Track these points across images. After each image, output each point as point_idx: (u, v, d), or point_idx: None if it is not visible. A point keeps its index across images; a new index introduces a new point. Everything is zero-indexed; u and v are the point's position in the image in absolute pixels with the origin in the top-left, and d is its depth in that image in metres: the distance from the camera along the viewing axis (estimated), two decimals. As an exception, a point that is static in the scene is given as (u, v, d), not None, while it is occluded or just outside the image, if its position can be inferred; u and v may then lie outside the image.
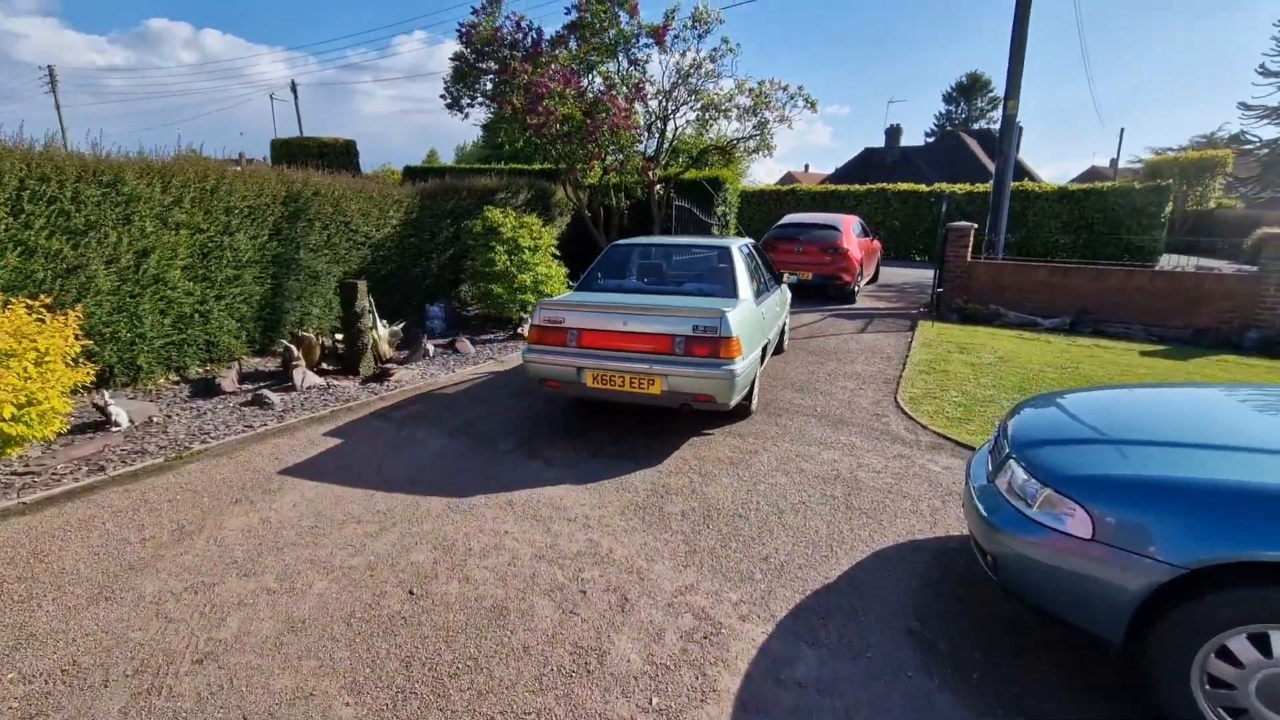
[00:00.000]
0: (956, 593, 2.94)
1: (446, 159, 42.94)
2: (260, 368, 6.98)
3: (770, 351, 6.31)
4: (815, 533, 3.47)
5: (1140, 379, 6.68)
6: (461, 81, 11.87)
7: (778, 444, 4.79)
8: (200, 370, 6.61)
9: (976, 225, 11.12)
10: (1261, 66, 21.18)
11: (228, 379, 6.16)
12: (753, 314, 5.16)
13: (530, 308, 9.20)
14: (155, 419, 5.24)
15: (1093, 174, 50.73)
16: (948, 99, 55.48)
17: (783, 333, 7.47)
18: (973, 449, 4.71)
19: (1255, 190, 22.64)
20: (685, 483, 4.09)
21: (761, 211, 22.59)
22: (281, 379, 6.47)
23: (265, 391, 5.86)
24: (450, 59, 11.55)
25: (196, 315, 6.44)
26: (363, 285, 6.81)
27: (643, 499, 3.86)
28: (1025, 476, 2.45)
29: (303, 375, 6.32)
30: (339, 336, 7.16)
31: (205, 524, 3.52)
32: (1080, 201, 17.91)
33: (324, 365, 6.95)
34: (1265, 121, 21.59)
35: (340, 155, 12.09)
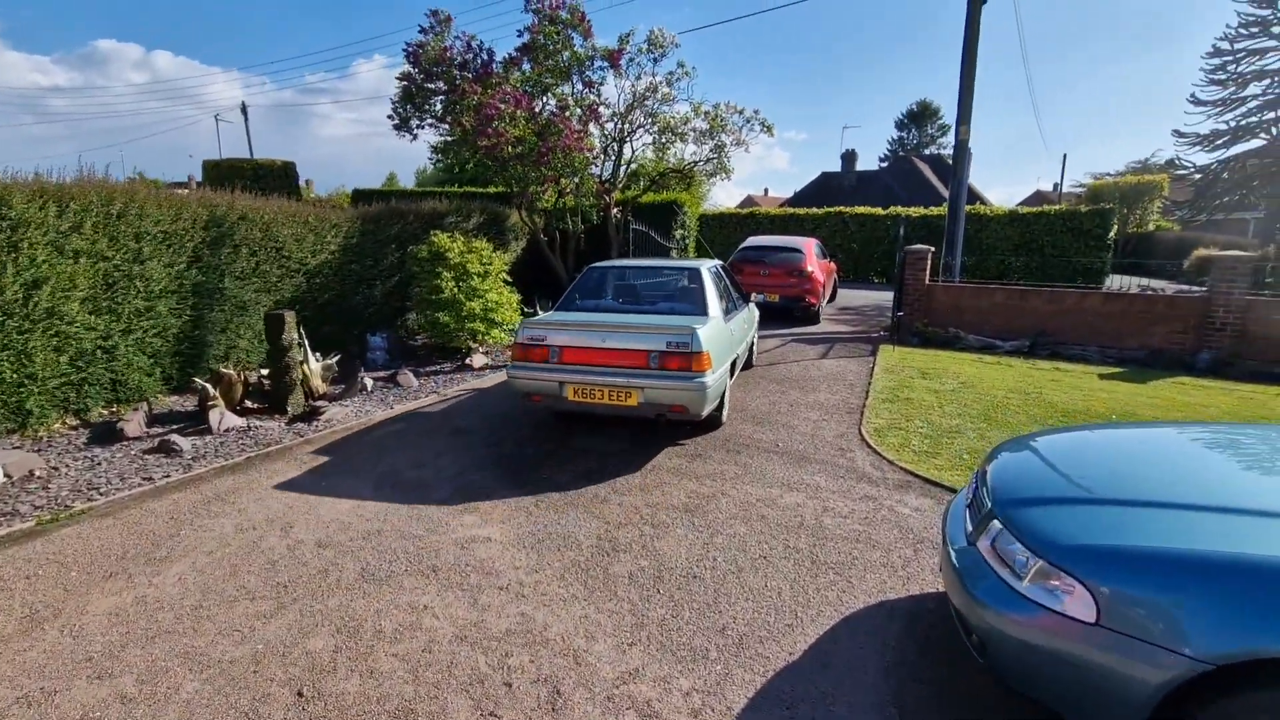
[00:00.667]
0: (938, 670, 2.60)
1: (407, 183, 42.18)
2: (177, 407, 6.36)
3: (739, 366, 6.60)
4: (778, 595, 3.10)
5: (1103, 404, 6.57)
6: (410, 102, 11.48)
7: (738, 486, 4.43)
8: (104, 412, 5.96)
9: (934, 248, 11.10)
10: (1193, 96, 22.21)
11: (133, 422, 5.54)
12: (722, 331, 5.47)
13: (480, 336, 8.77)
14: (38, 472, 4.62)
15: (1038, 197, 52.70)
16: (900, 125, 57.24)
17: (751, 349, 7.65)
18: (942, 487, 4.43)
19: (1190, 213, 23.64)
20: (635, 536, 3.69)
21: (722, 234, 22.54)
22: (198, 420, 5.88)
23: (174, 436, 5.27)
24: (397, 79, 11.15)
25: (100, 352, 5.81)
26: (290, 316, 6.28)
27: (587, 558, 3.44)
28: (1012, 541, 2.13)
29: (220, 416, 5.74)
30: (265, 372, 6.60)
31: (65, 607, 2.97)
32: (1030, 224, 18.30)
33: (248, 403, 6.36)
34: (1197, 148, 22.65)
35: (278, 177, 11.46)
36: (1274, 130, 20.34)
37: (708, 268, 6.21)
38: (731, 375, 5.86)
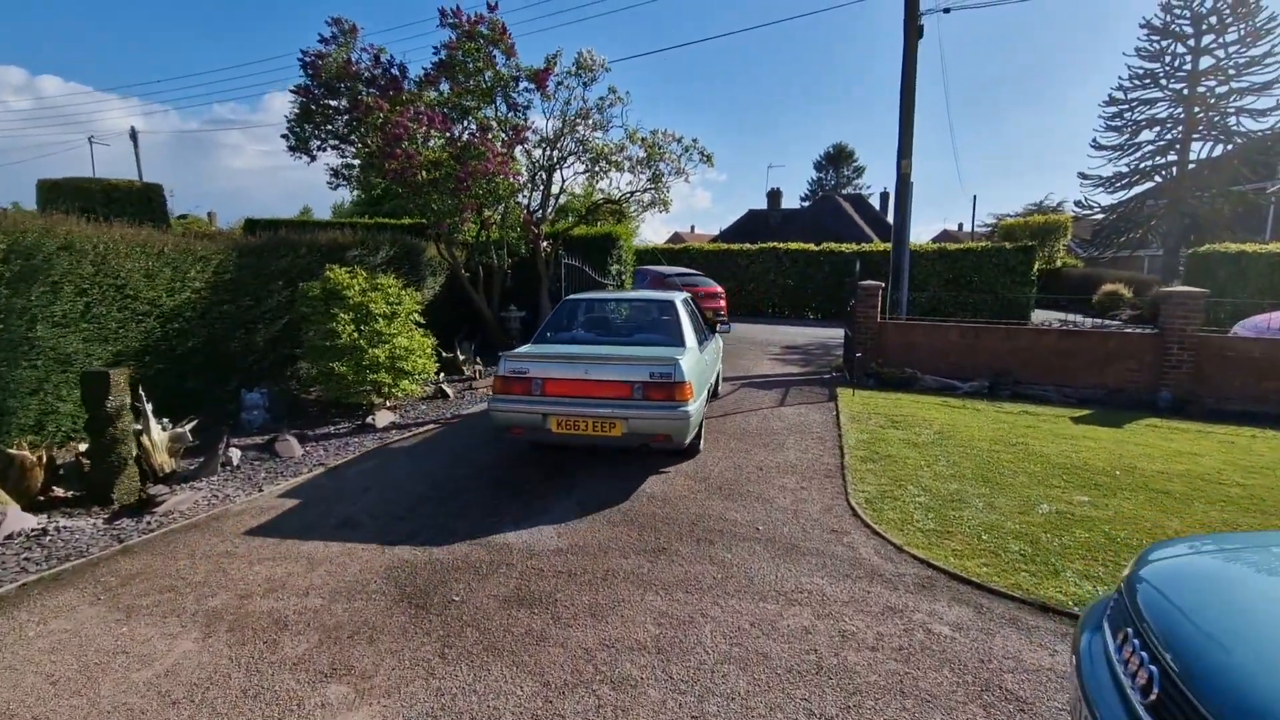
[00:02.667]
0: None
1: (323, 216, 39.54)
2: (-47, 500, 4.68)
3: (710, 395, 6.90)
4: (820, 822, 2.00)
5: (1095, 455, 5.92)
6: (307, 120, 10.08)
7: (719, 600, 3.33)
8: None
9: (884, 284, 10.59)
10: (1094, 141, 23.71)
11: None
12: (699, 360, 5.60)
13: (387, 389, 7.38)
14: None
15: (945, 235, 55.65)
16: (818, 166, 59.50)
17: (718, 378, 7.84)
18: (973, 585, 3.49)
19: (1099, 250, 24.99)
20: (591, 708, 2.50)
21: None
22: (-26, 521, 4.26)
23: (-82, 553, 3.68)
24: (291, 91, 9.75)
25: None
26: (119, 375, 4.78)
27: (518, 761, 2.23)
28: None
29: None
30: (85, 448, 5.03)
31: None
32: (959, 260, 18.53)
33: (56, 492, 4.78)
34: (1100, 189, 24.06)
35: (137, 202, 9.61)
36: (1173, 171, 21.72)
37: (680, 299, 6.35)
38: (706, 403, 6.07)
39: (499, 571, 3.63)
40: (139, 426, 5.23)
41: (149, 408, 5.34)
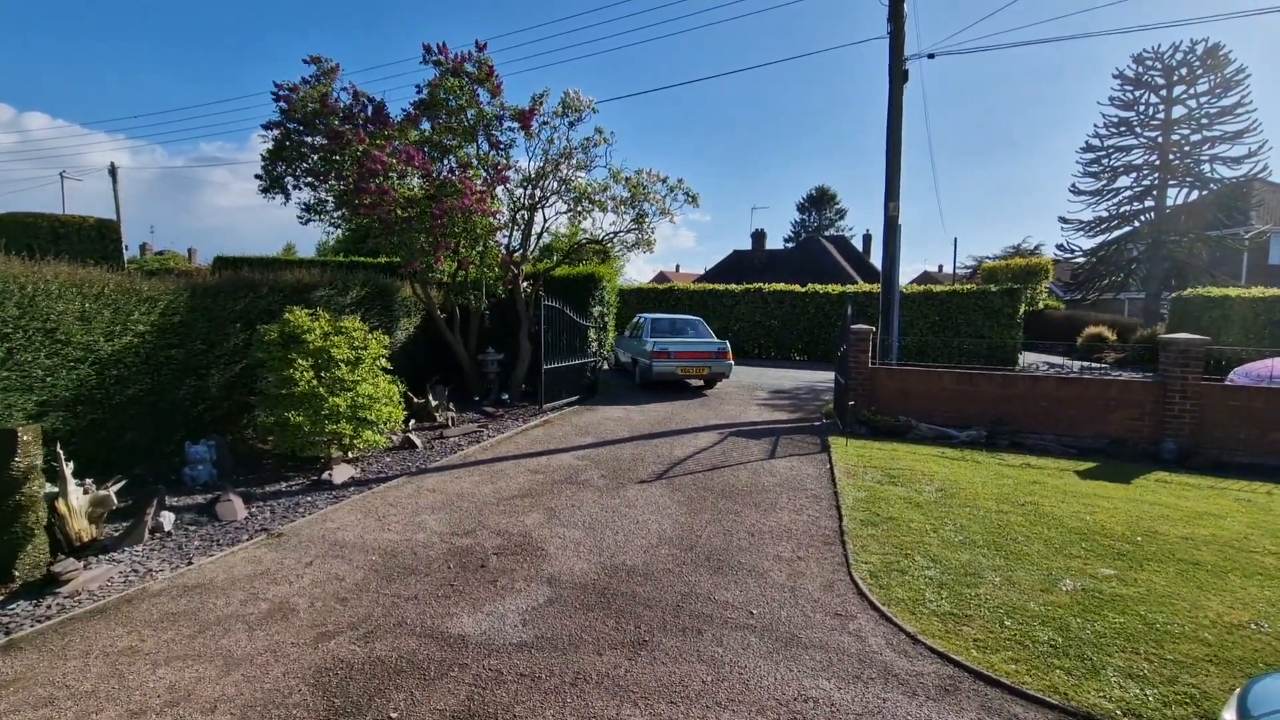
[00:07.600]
0: None
1: (307, 254, 39.09)
2: None
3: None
4: None
5: (1111, 517, 5.50)
6: (280, 158, 9.70)
7: (709, 714, 2.80)
8: None
9: (874, 329, 10.27)
10: (1073, 186, 24.08)
11: None
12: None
13: (348, 440, 6.83)
14: None
15: (925, 277, 56.36)
16: (801, 208, 60.40)
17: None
18: (1004, 688, 3.00)
19: (1082, 293, 25.16)
20: None
21: (640, 309, 21.56)
22: None
23: None
24: (263, 128, 9.39)
25: None
26: (29, 433, 4.23)
27: None
28: None
29: None
30: (-12, 515, 4.42)
31: None
32: (945, 303, 18.40)
33: (-52, 567, 4.15)
34: (1081, 233, 24.35)
35: (90, 239, 9.09)
36: (1151, 215, 21.99)
37: (700, 320, 14.08)
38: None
39: (449, 674, 3.07)
40: (54, 489, 4.65)
41: (68, 468, 4.76)
